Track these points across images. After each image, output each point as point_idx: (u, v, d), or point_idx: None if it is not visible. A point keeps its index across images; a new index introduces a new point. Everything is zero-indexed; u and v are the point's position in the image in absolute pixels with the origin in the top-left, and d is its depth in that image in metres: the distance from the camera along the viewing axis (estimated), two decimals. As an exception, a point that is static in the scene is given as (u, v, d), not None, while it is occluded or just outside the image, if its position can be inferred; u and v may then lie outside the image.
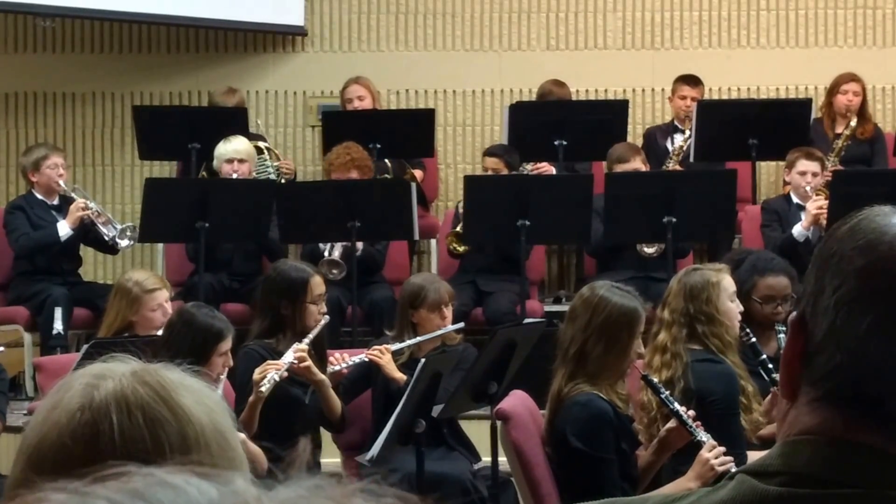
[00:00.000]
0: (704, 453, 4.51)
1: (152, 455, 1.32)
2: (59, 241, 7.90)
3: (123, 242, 8.01)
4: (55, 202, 8.08)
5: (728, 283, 5.06)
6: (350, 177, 7.88)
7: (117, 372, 1.39)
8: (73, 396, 1.36)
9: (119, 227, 7.99)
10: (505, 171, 8.11)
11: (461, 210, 7.99)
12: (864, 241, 1.30)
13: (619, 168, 7.95)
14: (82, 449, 1.30)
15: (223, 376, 5.15)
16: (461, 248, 7.96)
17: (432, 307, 6.14)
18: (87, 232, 8.02)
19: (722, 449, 4.52)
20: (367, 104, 9.11)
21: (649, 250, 7.84)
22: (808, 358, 1.31)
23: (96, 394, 1.36)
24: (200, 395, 1.39)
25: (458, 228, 7.93)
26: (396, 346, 6.06)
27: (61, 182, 8.05)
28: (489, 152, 8.40)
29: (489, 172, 8.18)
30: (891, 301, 1.28)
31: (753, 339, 5.35)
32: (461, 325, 6.35)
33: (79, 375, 1.40)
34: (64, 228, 7.92)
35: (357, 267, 7.55)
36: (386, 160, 8.69)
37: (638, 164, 8.01)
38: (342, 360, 5.96)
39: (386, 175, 8.61)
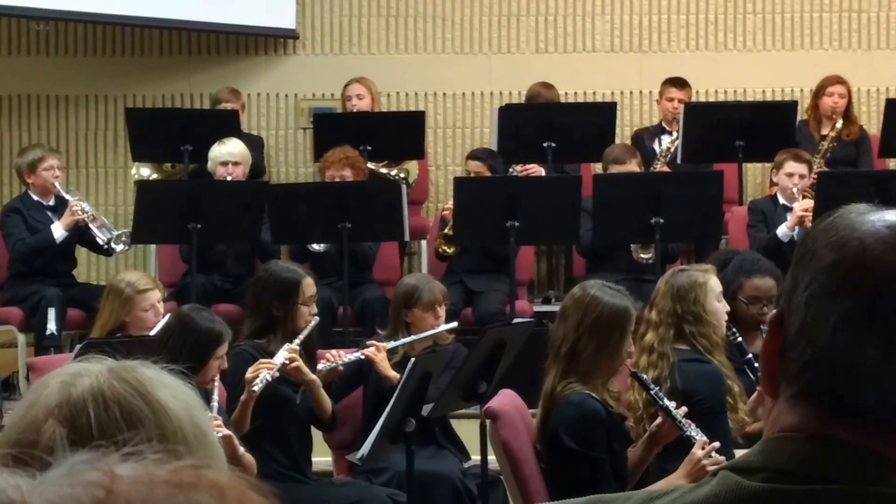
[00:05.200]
0: (697, 452, 4.54)
1: None
2: (54, 244, 7.93)
3: (118, 248, 8.05)
4: (51, 203, 8.11)
5: (714, 283, 5.09)
6: (344, 175, 7.92)
7: (93, 370, 1.40)
8: (51, 394, 1.38)
9: (114, 232, 8.02)
10: (488, 174, 8.20)
11: (445, 213, 8.05)
12: (836, 238, 1.31)
13: (615, 169, 8.01)
14: None
15: (217, 380, 5.19)
16: (450, 251, 8.03)
17: (427, 307, 6.18)
18: (81, 233, 8.06)
19: (714, 446, 4.54)
20: (365, 103, 9.16)
21: (645, 256, 7.87)
22: (784, 354, 1.33)
23: (73, 390, 1.37)
24: (177, 391, 1.41)
25: (446, 230, 8.00)
26: (392, 343, 6.12)
27: (57, 184, 8.08)
28: (472, 156, 8.48)
29: (472, 176, 8.27)
30: (858, 296, 1.28)
31: (739, 339, 5.40)
32: (455, 324, 6.38)
33: (55, 374, 1.41)
34: (58, 231, 7.95)
35: (347, 260, 7.61)
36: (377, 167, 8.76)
37: (633, 166, 8.07)
38: (338, 356, 6.01)
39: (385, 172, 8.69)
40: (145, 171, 8.90)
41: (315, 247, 7.94)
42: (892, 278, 1.28)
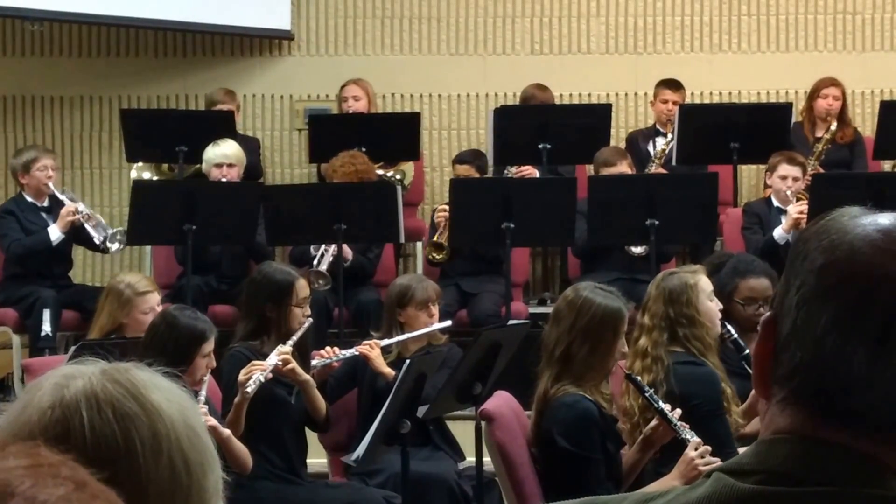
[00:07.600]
0: (689, 452, 4.54)
1: (122, 450, 1.34)
2: (50, 247, 7.92)
3: (114, 247, 8.04)
4: (45, 204, 8.11)
5: (705, 283, 5.09)
6: (353, 185, 7.93)
7: (87, 371, 1.40)
8: (44, 395, 1.38)
9: (110, 231, 8.01)
10: (476, 176, 8.21)
11: (436, 218, 8.06)
12: (828, 241, 1.32)
13: (606, 171, 8.02)
14: (53, 446, 1.26)
15: (206, 377, 5.19)
16: (440, 256, 8.03)
17: (420, 305, 6.20)
18: (77, 232, 8.05)
19: (707, 448, 4.55)
20: (362, 105, 9.18)
21: (637, 249, 7.91)
22: (775, 357, 1.33)
23: (66, 392, 1.38)
24: (170, 393, 1.41)
25: (435, 238, 8.01)
26: (386, 341, 6.13)
27: (50, 184, 8.07)
28: (459, 160, 8.50)
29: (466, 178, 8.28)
30: (847, 299, 1.29)
31: (735, 336, 5.41)
32: (448, 322, 6.39)
33: (49, 376, 1.41)
34: (55, 233, 7.94)
35: (346, 274, 7.59)
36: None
37: (624, 167, 8.08)
38: (333, 353, 6.02)
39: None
40: (146, 174, 8.90)
41: (317, 265, 7.81)
42: (881, 281, 1.29)
